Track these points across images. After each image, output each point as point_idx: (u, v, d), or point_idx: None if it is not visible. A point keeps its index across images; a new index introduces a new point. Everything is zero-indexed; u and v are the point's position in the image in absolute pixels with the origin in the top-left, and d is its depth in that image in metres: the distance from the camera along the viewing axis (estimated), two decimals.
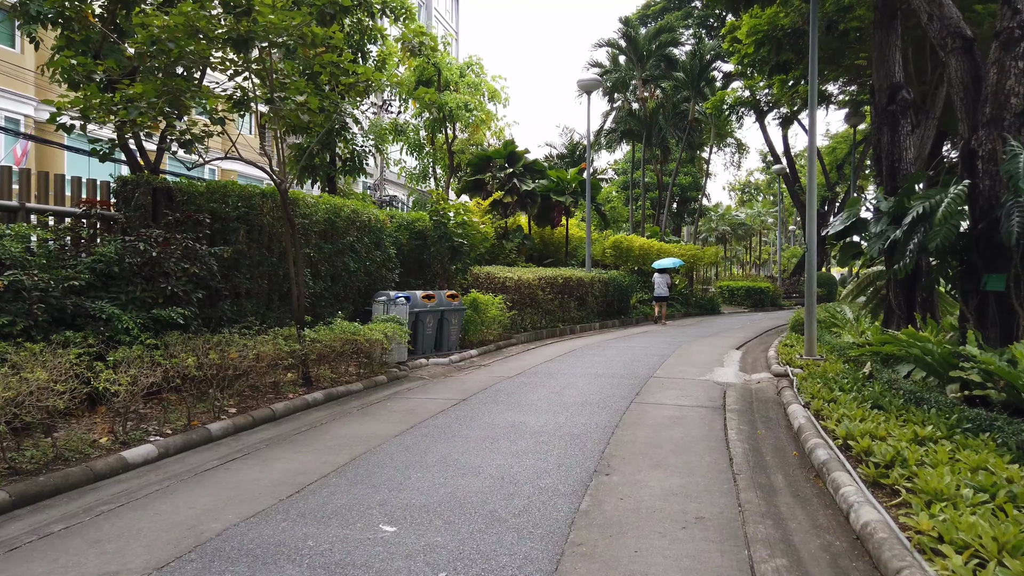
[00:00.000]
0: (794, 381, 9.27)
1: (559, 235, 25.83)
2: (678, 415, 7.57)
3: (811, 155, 11.65)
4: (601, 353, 13.58)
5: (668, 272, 23.94)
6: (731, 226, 64.47)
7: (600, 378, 10.14)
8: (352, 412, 7.93)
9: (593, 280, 20.60)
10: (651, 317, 24.51)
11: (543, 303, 17.65)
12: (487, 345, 14.41)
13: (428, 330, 12.85)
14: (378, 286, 12.91)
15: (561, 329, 18.35)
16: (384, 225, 13.10)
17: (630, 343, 15.68)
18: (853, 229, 13.43)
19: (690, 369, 11.22)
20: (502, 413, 7.68)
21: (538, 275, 17.42)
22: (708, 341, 16.35)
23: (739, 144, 53.31)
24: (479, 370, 11.49)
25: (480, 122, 24.96)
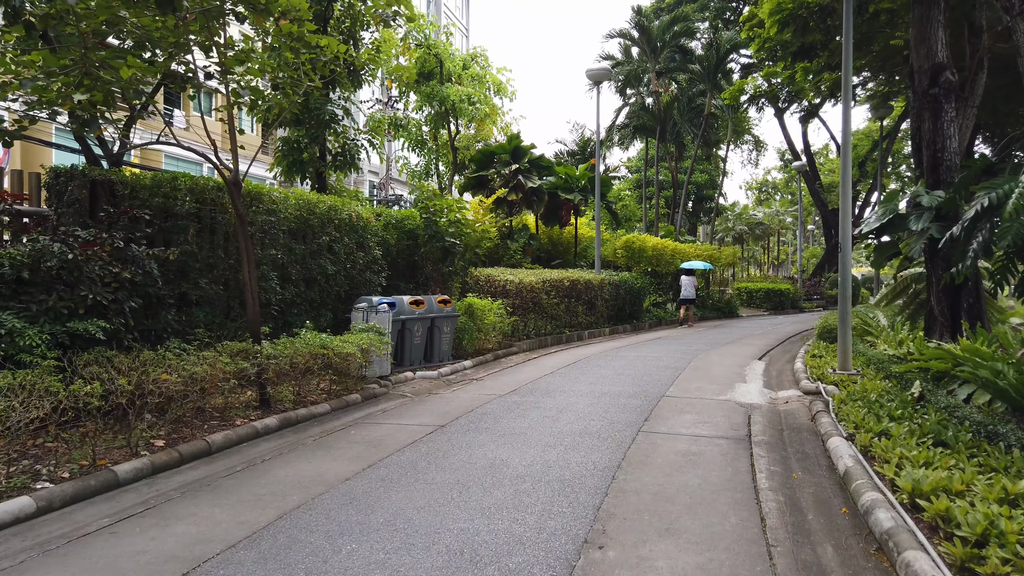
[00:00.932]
0: (830, 403, 7.94)
1: (568, 235, 24.53)
2: (695, 450, 6.27)
3: (845, 134, 10.28)
4: (608, 364, 12.28)
5: (695, 274, 23.37)
6: (748, 226, 62.81)
7: (604, 397, 8.84)
8: (306, 443, 6.70)
9: (603, 282, 19.29)
10: (665, 321, 23.20)
11: (548, 308, 16.37)
12: (484, 355, 13.15)
13: (416, 339, 11.61)
14: (362, 291, 11.69)
15: (568, 336, 17.05)
16: (368, 224, 11.88)
17: (642, 352, 14.36)
18: (890, 227, 12.05)
19: (708, 386, 9.89)
20: (483, 446, 6.42)
21: (542, 277, 16.15)
22: (727, 349, 14.99)
23: (756, 141, 51.73)
24: (470, 385, 10.23)
25: (484, 116, 23.73)
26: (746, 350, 14.94)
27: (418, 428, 7.25)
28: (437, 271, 13.68)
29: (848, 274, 10.21)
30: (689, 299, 22.67)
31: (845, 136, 10.20)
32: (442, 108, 23.01)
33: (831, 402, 7.97)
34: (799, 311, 33.80)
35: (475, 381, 10.66)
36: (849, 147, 10.23)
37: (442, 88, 22.70)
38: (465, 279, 16.18)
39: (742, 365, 12.36)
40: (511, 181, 21.04)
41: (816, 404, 8.13)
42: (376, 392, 9.41)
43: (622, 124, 32.94)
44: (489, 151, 21.36)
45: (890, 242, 12.50)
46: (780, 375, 11.39)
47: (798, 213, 44.79)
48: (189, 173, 8.71)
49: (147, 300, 7.53)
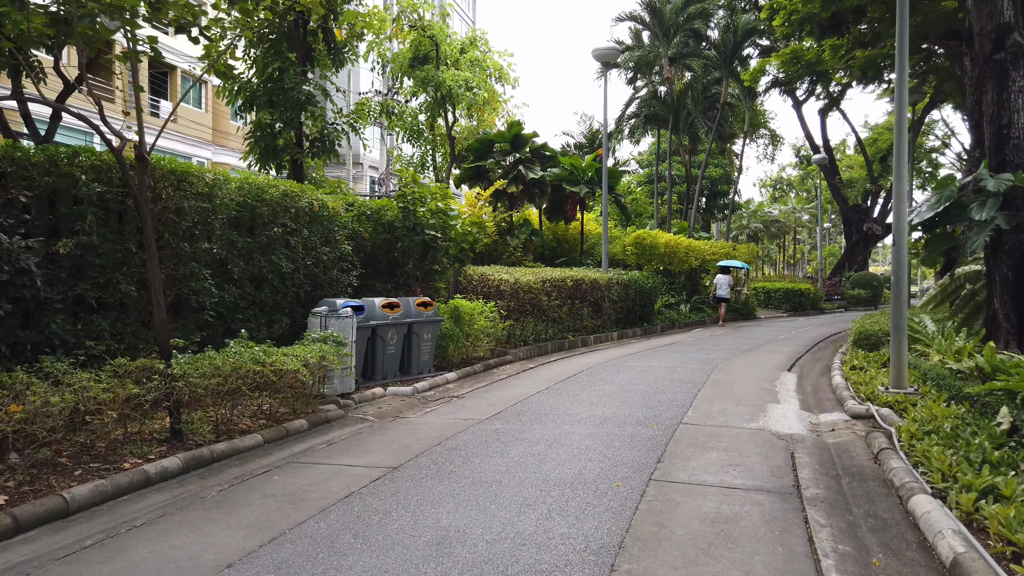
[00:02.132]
0: (893, 436, 6.22)
1: (573, 231, 22.83)
2: (727, 513, 4.56)
3: (901, 94, 8.50)
4: (615, 377, 10.58)
5: (731, 272, 23.99)
6: (763, 223, 60.91)
7: (607, 425, 7.14)
8: (208, 497, 5.05)
9: (610, 282, 17.57)
10: (679, 324, 21.49)
11: (548, 310, 14.67)
12: (473, 365, 11.49)
13: (390, 348, 9.96)
14: (327, 292, 10.05)
15: (571, 341, 15.35)
16: (336, 214, 10.23)
17: (653, 361, 12.64)
18: (946, 216, 10.26)
19: (734, 408, 8.16)
20: (438, 504, 4.75)
21: (541, 277, 14.46)
22: (750, 358, 13.25)
23: (773, 135, 49.77)
24: (448, 405, 8.56)
25: (484, 102, 22.07)
26: (771, 359, 13.18)
27: (362, 472, 5.59)
28: (420, 270, 12.02)
29: (903, 271, 8.46)
30: (724, 297, 22.99)
31: (900, 98, 8.44)
32: (438, 95, 21.37)
33: (894, 434, 6.25)
34: (819, 312, 31.94)
35: (455, 399, 8.98)
36: (905, 109, 8.47)
37: (438, 73, 21.06)
38: (458, 278, 14.55)
39: (770, 378, 10.62)
40: (511, 172, 19.38)
41: (876, 437, 6.39)
42: (330, 415, 7.75)
43: (632, 114, 31.12)
44: (487, 139, 19.69)
45: (945, 234, 10.73)
46: (817, 391, 9.64)
47: (817, 209, 42.84)
48: (93, 148, 7.09)
49: (20, 305, 5.91)
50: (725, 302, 23.18)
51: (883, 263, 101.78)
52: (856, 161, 57.07)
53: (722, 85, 29.50)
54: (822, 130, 41.20)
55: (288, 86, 13.39)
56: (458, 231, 11.47)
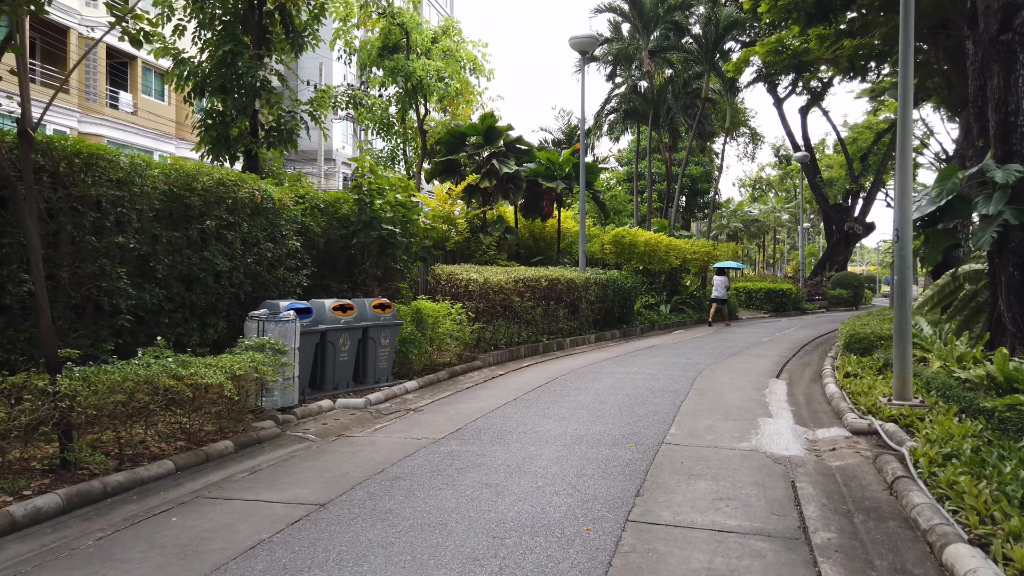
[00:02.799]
0: (907, 459, 5.39)
1: (551, 229, 21.93)
2: (722, 570, 3.67)
3: (906, 63, 7.71)
4: (590, 386, 9.69)
5: (727, 274, 24.07)
6: (743, 223, 60.53)
7: (579, 446, 6.24)
8: (80, 548, 4.06)
9: (588, 282, 16.71)
10: (659, 325, 20.72)
11: (521, 312, 13.76)
12: (437, 372, 10.55)
13: (342, 355, 8.99)
14: (271, 293, 9.06)
15: (545, 345, 14.45)
16: (282, 206, 9.24)
17: (633, 366, 11.77)
18: (949, 211, 9.46)
19: (722, 423, 7.29)
20: (363, 560, 3.81)
21: (514, 276, 13.54)
22: (735, 363, 12.43)
23: (753, 133, 49.24)
24: (401, 421, 7.61)
25: (456, 94, 21.10)
26: (758, 364, 12.38)
27: (281, 511, 4.63)
28: (383, 268, 11.03)
29: (907, 271, 7.65)
30: (720, 299, 22.86)
31: (905, 73, 7.63)
32: (408, 85, 20.38)
33: (908, 457, 5.41)
34: (801, 313, 31.36)
35: (412, 413, 8.03)
36: (910, 82, 7.66)
37: (407, 62, 20.06)
38: (427, 278, 13.63)
39: (758, 387, 9.78)
40: (484, 166, 18.43)
41: (887, 461, 5.54)
42: (264, 434, 6.77)
43: (612, 109, 30.31)
44: (459, 132, 18.73)
45: (947, 230, 9.97)
46: (811, 402, 8.82)
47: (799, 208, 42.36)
48: None
49: None
50: (722, 303, 23.14)
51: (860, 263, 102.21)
52: (836, 161, 56.84)
53: (703, 80, 28.76)
54: (803, 128, 40.66)
55: (241, 70, 12.41)
56: (421, 226, 10.51)
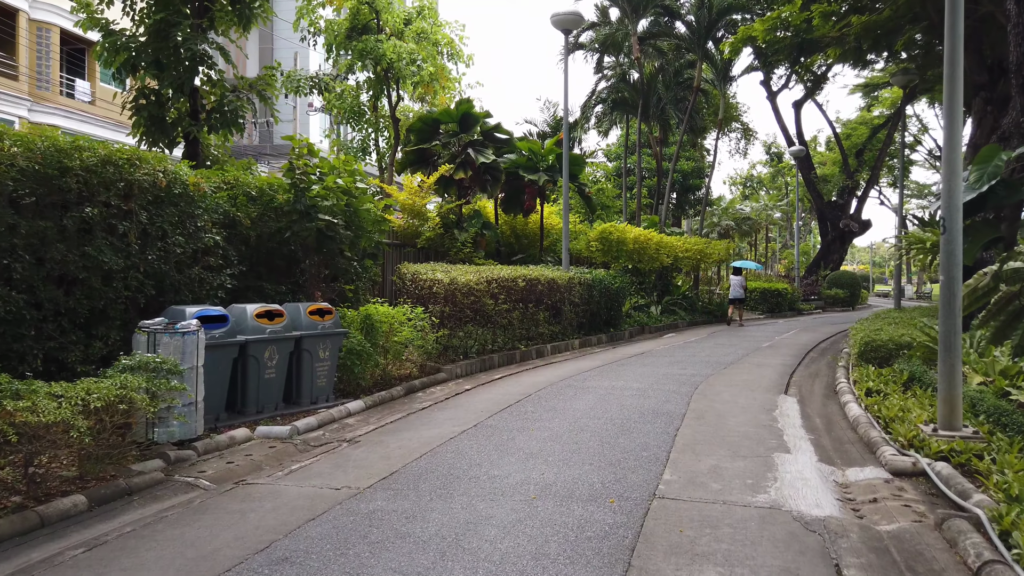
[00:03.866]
0: (988, 528, 3.93)
1: (533, 226, 20.43)
2: None
3: (954, 31, 6.26)
4: (569, 405, 8.19)
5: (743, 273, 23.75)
6: (735, 221, 59.15)
7: (545, 500, 4.74)
8: None
9: (571, 282, 15.23)
10: (649, 328, 19.36)
11: (495, 316, 12.26)
12: (392, 388, 9.04)
13: (268, 372, 7.46)
14: (184, 296, 7.51)
15: (523, 352, 12.96)
16: (199, 193, 7.69)
17: (619, 379, 10.28)
18: (992, 198, 8.05)
19: (729, 462, 5.79)
20: None
21: (486, 276, 12.02)
22: (735, 374, 10.96)
23: (746, 129, 47.98)
24: (326, 459, 6.09)
25: (431, 79, 19.56)
26: (761, 375, 10.92)
27: None
28: (331, 268, 9.48)
29: (956, 269, 6.18)
30: (738, 299, 22.64)
31: (953, 39, 6.17)
32: (378, 69, 18.83)
33: (989, 526, 3.95)
34: (797, 314, 30.03)
35: (343, 447, 6.50)
36: (959, 52, 6.20)
37: (377, 44, 18.51)
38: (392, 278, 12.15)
39: (766, 406, 8.31)
40: (459, 156, 16.90)
41: (959, 531, 4.05)
42: (138, 482, 5.22)
43: (599, 99, 28.76)
44: (432, 119, 17.18)
45: (987, 221, 8.54)
46: (831, 427, 7.35)
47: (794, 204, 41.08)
48: None
49: None
50: (740, 303, 22.87)
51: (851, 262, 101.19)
52: (828, 158, 55.64)
53: (695, 69, 27.31)
54: (796, 123, 39.34)
55: (178, 43, 10.94)
56: (371, 217, 8.96)
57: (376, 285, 12.46)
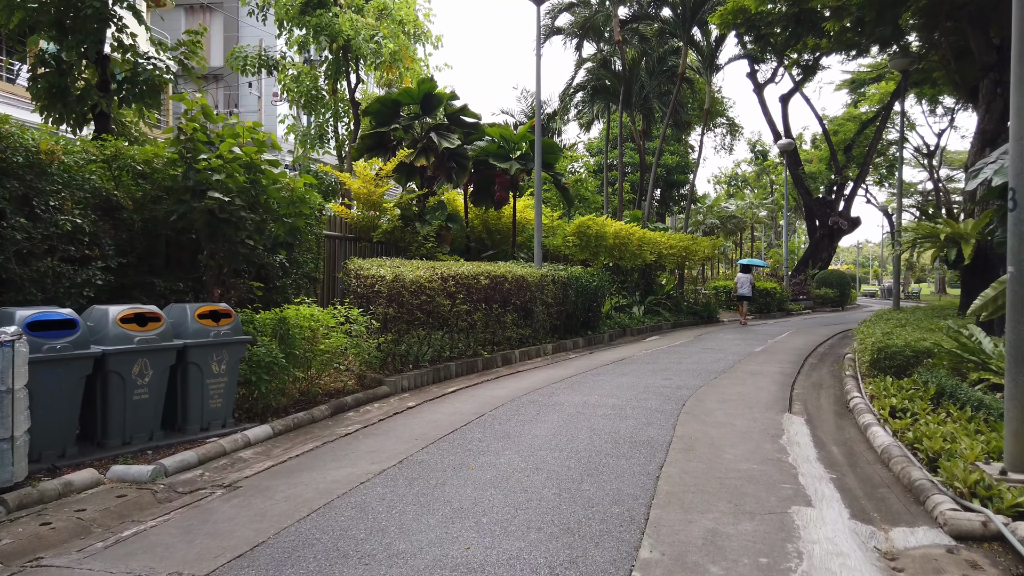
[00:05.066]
0: None
1: (507, 219, 18.85)
2: None
3: None
4: (527, 431, 6.61)
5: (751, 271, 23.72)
6: (720, 219, 57.91)
7: None
8: None
9: (544, 281, 13.66)
10: (631, 330, 17.85)
11: (452, 318, 10.66)
12: (316, 406, 7.43)
13: (139, 392, 5.80)
14: (31, 294, 5.85)
15: (487, 359, 11.38)
16: (52, 162, 6.02)
17: (593, 392, 8.72)
18: None
19: (732, 523, 4.22)
20: None
21: (441, 273, 10.41)
22: (729, 386, 9.43)
23: (731, 124, 46.71)
24: (182, 517, 4.46)
25: (394, 59, 17.92)
26: (758, 387, 9.40)
27: None
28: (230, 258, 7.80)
29: None
30: (745, 296, 22.44)
31: None
32: (334, 46, 17.17)
33: None
34: (787, 314, 28.66)
35: (217, 495, 4.87)
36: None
37: (334, 20, 16.84)
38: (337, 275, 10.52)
39: (770, 431, 6.76)
40: (420, 140, 15.28)
41: None
42: None
43: (579, 86, 27.11)
44: (391, 100, 15.53)
45: None
46: (854, 460, 5.80)
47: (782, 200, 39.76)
48: None
49: None
50: (748, 300, 22.67)
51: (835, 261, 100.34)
52: (815, 156, 54.53)
53: (680, 56, 25.80)
54: (783, 117, 38.08)
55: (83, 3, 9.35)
56: (285, 198, 7.32)
57: (316, 283, 10.84)
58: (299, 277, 9.70)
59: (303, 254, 9.70)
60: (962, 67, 19.74)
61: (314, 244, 10.37)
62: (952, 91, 23.55)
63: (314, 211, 8.68)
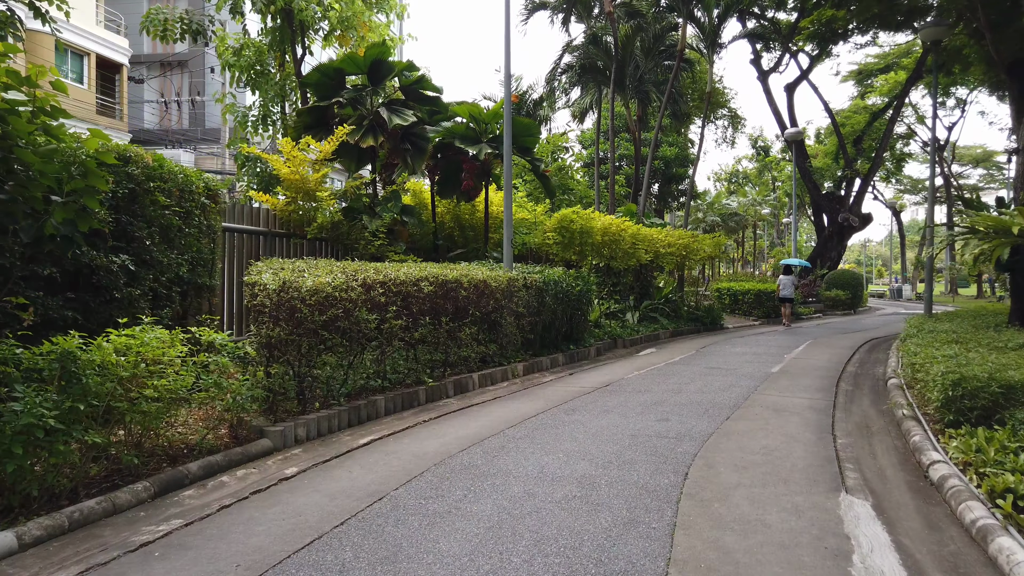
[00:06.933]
0: None
1: (481, 213, 16.31)
2: None
3: None
4: (434, 546, 4.07)
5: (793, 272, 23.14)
6: (721, 216, 55.48)
7: None
8: None
9: (513, 286, 11.13)
10: (623, 341, 15.40)
11: (381, 336, 8.10)
12: (135, 484, 4.88)
13: None
14: None
15: (431, 388, 8.83)
16: None
17: (555, 452, 6.16)
18: None
19: None
20: None
21: (364, 277, 7.81)
22: (747, 434, 6.86)
23: (734, 116, 44.31)
24: None
25: (346, 26, 15.37)
26: (788, 436, 6.84)
27: None
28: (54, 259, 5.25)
29: None
30: (788, 298, 22.01)
31: None
32: (273, 8, 14.59)
33: None
34: (796, 318, 26.10)
35: None
36: None
37: None
38: (240, 278, 8.00)
39: (828, 539, 4.20)
40: (367, 117, 12.74)
41: None
42: None
43: (567, 66, 24.49)
44: (332, 68, 12.94)
45: None
46: None
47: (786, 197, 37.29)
48: None
49: None
50: (790, 303, 22.09)
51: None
52: (819, 150, 52.06)
53: (679, 32, 23.22)
54: (789, 108, 35.60)
55: None
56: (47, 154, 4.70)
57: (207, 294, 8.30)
58: (165, 285, 7.15)
59: (166, 253, 7.15)
60: (999, 39, 17.32)
61: (194, 240, 7.83)
62: (983, 70, 21.00)
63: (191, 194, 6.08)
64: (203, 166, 31.39)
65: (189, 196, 7.79)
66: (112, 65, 30.11)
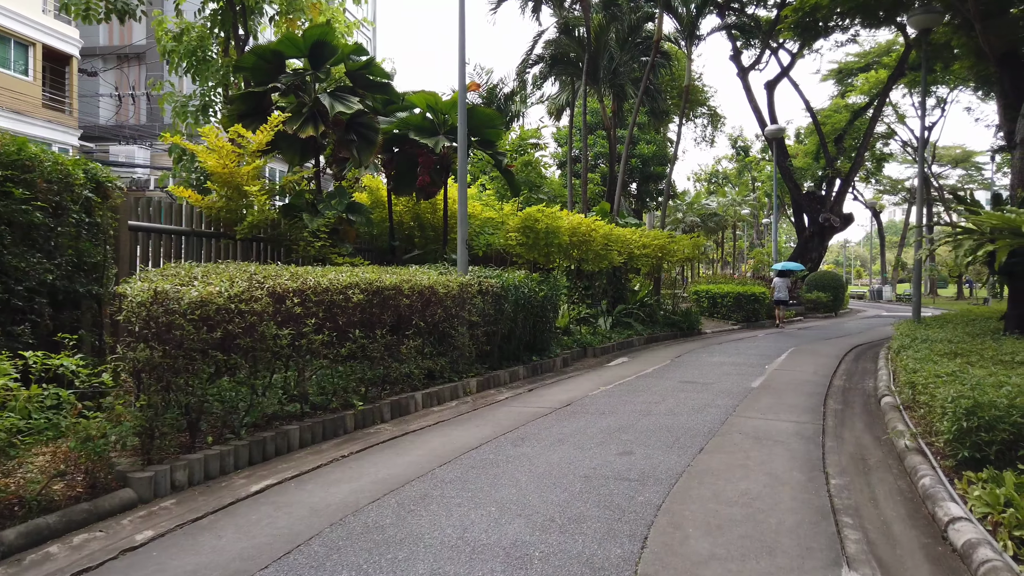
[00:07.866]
0: None
1: (441, 212, 15.09)
2: None
3: None
4: None
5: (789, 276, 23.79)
6: (700, 217, 54.58)
7: None
8: None
9: (465, 292, 9.94)
10: (593, 350, 14.28)
11: (298, 355, 6.87)
12: None
13: None
14: None
15: (361, 412, 7.62)
16: None
17: (487, 506, 5.00)
18: None
19: None
20: None
21: (273, 285, 6.58)
22: (723, 473, 5.73)
23: (713, 115, 43.37)
24: None
25: (292, 7, 14.12)
26: (773, 478, 5.71)
27: None
28: None
29: None
30: (782, 301, 22.54)
31: None
32: None
33: None
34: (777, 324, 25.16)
35: None
36: None
37: None
38: (112, 288, 6.72)
39: None
40: (307, 104, 11.49)
41: None
42: None
43: (537, 57, 23.28)
44: (269, 50, 11.67)
45: None
46: None
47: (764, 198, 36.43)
48: None
49: None
50: (784, 305, 22.55)
51: None
52: (799, 150, 51.41)
53: (656, 23, 22.16)
54: (769, 105, 34.69)
55: None
56: None
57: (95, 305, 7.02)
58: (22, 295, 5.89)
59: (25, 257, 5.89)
60: (989, 29, 16.46)
61: (69, 241, 6.56)
62: (970, 64, 20.16)
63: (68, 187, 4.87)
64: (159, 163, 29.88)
65: (64, 188, 6.53)
66: (61, 57, 28.53)
